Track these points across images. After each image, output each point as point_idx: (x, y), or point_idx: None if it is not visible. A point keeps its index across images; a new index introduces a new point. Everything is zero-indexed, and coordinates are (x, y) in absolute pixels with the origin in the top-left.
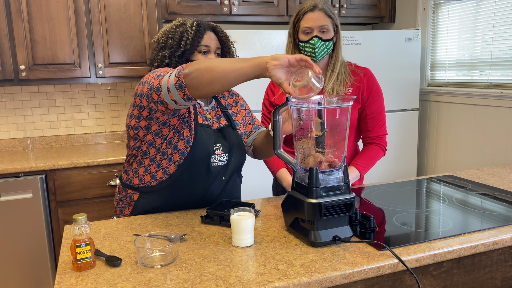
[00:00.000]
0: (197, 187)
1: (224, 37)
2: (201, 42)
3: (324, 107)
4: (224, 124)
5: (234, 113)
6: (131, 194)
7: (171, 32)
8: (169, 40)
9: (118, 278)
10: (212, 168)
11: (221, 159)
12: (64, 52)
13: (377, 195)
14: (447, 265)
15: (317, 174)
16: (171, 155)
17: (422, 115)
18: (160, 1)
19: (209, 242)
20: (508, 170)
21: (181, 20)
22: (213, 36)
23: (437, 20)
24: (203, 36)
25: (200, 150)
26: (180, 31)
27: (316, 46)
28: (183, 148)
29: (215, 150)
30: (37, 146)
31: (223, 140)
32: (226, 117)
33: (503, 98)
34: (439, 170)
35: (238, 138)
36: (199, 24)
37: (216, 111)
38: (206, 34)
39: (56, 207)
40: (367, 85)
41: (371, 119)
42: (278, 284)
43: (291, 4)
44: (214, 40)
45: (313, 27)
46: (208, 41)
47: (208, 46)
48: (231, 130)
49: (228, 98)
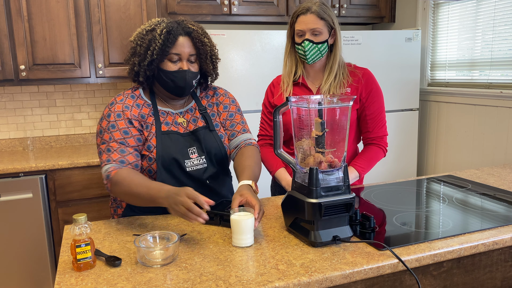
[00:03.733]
0: None
1: (199, 42)
2: (171, 50)
3: (324, 107)
4: (201, 125)
5: (214, 113)
6: (120, 200)
7: (140, 38)
8: (137, 47)
9: (118, 278)
10: (191, 173)
11: (197, 163)
12: (64, 52)
13: (377, 195)
14: (447, 265)
15: (317, 174)
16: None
17: (422, 115)
18: (160, 1)
19: (209, 242)
20: (508, 170)
21: (152, 24)
22: (186, 43)
23: (437, 20)
24: (174, 44)
25: (165, 158)
26: (148, 39)
27: (306, 49)
28: (148, 154)
29: (189, 154)
30: (37, 146)
31: (197, 143)
32: (204, 119)
33: (503, 98)
34: (439, 170)
35: (217, 138)
36: (169, 31)
37: (193, 113)
38: (179, 40)
39: (56, 207)
40: (366, 85)
41: (371, 119)
42: (278, 284)
43: (291, 4)
44: (188, 47)
45: (305, 30)
46: (180, 49)
47: (179, 54)
48: (208, 131)
49: (212, 97)
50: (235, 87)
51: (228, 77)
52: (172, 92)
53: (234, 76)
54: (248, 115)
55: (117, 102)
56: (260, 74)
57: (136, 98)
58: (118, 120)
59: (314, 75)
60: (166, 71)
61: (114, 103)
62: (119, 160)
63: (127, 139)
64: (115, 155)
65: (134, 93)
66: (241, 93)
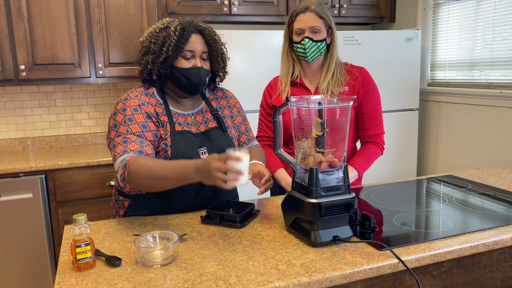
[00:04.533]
0: (186, 192)
1: (211, 40)
2: (185, 47)
3: (324, 107)
4: (213, 126)
5: (225, 115)
6: (122, 200)
7: (153, 36)
8: (151, 45)
9: (118, 278)
10: None
11: None
12: (64, 52)
13: (377, 195)
14: (447, 265)
15: (317, 174)
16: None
17: (422, 115)
18: (160, 1)
19: (209, 242)
20: (508, 170)
21: (165, 22)
22: (199, 40)
23: (437, 20)
24: (188, 41)
25: (180, 157)
26: (163, 36)
27: (306, 46)
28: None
29: (200, 154)
30: (37, 146)
31: (208, 143)
32: (216, 119)
33: (503, 98)
34: (439, 170)
35: (229, 140)
36: (183, 28)
37: (204, 114)
38: (192, 37)
39: (56, 207)
40: (363, 83)
41: (368, 118)
42: (278, 284)
43: (291, 4)
44: (200, 44)
45: (304, 28)
46: (193, 46)
47: (193, 51)
48: (221, 132)
49: (221, 100)
50: (235, 87)
51: (228, 77)
52: (186, 89)
53: (234, 76)
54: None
55: (131, 98)
56: (260, 74)
57: (150, 96)
58: (136, 113)
59: (311, 75)
60: (180, 68)
61: (128, 98)
62: (137, 150)
63: (145, 132)
64: (133, 145)
65: (148, 91)
66: (241, 93)
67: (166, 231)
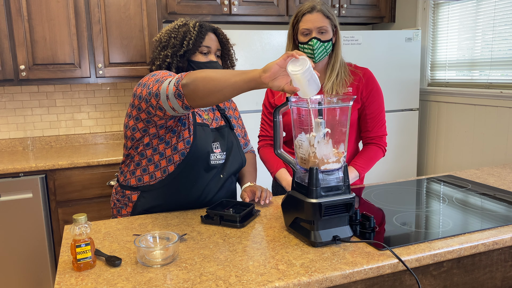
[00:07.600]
0: (196, 184)
1: (224, 39)
2: (203, 43)
3: (324, 107)
4: (223, 124)
5: (231, 115)
6: (129, 195)
7: (173, 31)
8: (171, 39)
9: (118, 278)
10: (211, 166)
11: (219, 157)
12: (64, 52)
13: (377, 195)
14: (447, 265)
15: (317, 174)
16: (170, 156)
17: (422, 115)
18: (160, 1)
19: (209, 242)
20: (508, 170)
21: (183, 20)
22: (214, 38)
23: (437, 20)
24: (205, 37)
25: (200, 149)
26: (183, 31)
27: (315, 47)
28: (183, 149)
29: (213, 148)
30: (37, 146)
31: (221, 139)
32: (225, 118)
33: (503, 98)
34: (439, 170)
35: (236, 138)
36: (201, 25)
37: (214, 112)
38: (208, 35)
39: (56, 207)
40: (366, 84)
41: (370, 119)
42: (278, 284)
43: (291, 4)
44: (215, 42)
45: (311, 28)
46: (209, 42)
47: (209, 47)
48: (230, 130)
49: (225, 101)
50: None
51: None
52: None
53: None
54: (248, 115)
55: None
56: None
57: None
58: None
59: None
60: (197, 62)
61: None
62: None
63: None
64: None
65: None
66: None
67: (166, 231)
